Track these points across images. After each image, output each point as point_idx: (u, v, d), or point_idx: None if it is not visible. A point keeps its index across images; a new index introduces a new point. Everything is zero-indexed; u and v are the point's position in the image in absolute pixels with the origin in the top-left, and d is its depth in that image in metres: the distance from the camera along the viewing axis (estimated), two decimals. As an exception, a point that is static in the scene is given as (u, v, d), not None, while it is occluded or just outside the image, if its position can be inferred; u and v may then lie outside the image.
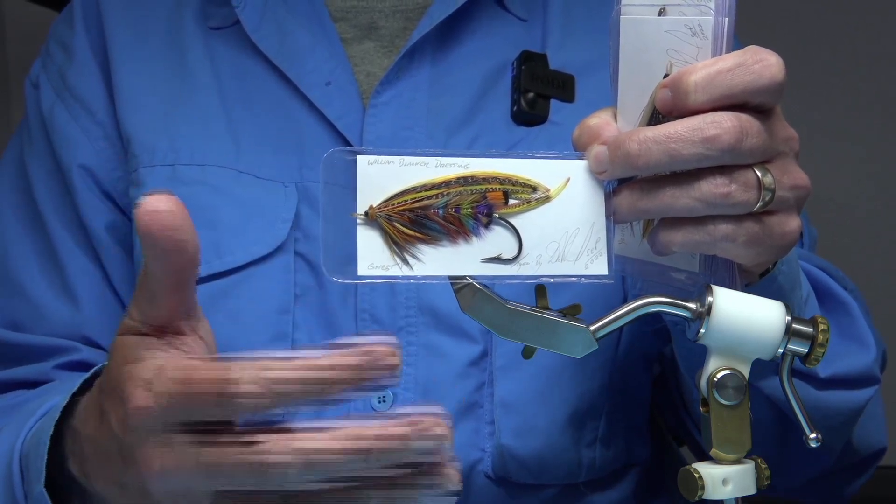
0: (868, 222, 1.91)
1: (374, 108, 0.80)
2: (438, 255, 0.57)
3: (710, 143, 0.55)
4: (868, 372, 0.76)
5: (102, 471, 0.55)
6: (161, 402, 0.49)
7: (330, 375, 0.47)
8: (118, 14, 0.86)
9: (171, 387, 0.49)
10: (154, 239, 0.50)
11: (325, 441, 0.47)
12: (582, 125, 0.61)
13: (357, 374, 0.47)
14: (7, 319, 0.85)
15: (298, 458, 0.47)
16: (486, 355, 0.77)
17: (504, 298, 0.58)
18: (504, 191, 0.58)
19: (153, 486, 0.50)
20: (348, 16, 0.84)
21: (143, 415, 0.50)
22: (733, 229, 0.57)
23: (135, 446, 0.51)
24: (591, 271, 0.58)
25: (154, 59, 0.84)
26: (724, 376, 0.58)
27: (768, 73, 0.56)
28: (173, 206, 0.50)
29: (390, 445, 0.47)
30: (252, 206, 0.79)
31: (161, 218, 0.49)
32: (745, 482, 0.58)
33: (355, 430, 0.47)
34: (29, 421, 0.67)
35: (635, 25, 0.59)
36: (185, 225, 0.50)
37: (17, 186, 0.88)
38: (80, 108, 0.85)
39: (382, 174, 0.57)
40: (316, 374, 0.47)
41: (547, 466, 0.78)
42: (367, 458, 0.47)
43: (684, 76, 0.56)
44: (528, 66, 0.80)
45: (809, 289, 0.71)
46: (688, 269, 0.61)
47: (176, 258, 0.50)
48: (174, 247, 0.50)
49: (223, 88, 0.83)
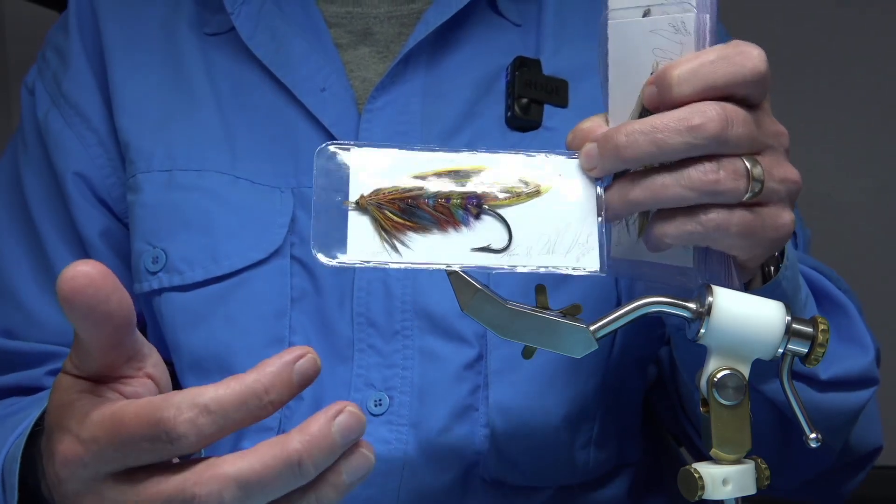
0: (867, 222, 1.91)
1: (369, 114, 0.80)
2: (428, 243, 0.57)
3: (695, 132, 0.55)
4: (867, 373, 0.76)
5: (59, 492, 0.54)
6: (90, 450, 0.49)
7: (261, 383, 0.48)
8: (113, 20, 0.86)
9: (99, 433, 0.49)
10: (77, 312, 0.49)
11: (252, 461, 0.48)
12: (575, 129, 0.62)
13: (284, 376, 0.48)
14: (0, 326, 0.84)
15: (231, 486, 0.48)
16: (481, 359, 0.77)
17: (504, 298, 0.58)
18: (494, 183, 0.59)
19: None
20: (343, 22, 0.85)
21: (71, 465, 0.50)
22: (725, 218, 0.57)
23: (69, 496, 0.51)
24: (582, 264, 0.58)
25: (150, 65, 0.84)
26: (724, 376, 0.58)
27: (750, 64, 0.57)
28: (95, 276, 0.48)
29: (316, 440, 0.48)
30: (248, 211, 0.79)
31: (82, 291, 0.48)
32: (745, 482, 0.58)
33: (278, 440, 0.48)
34: (11, 436, 0.67)
35: (622, 29, 0.60)
36: (110, 293, 0.49)
37: (11, 192, 0.88)
38: (74, 114, 0.85)
39: (374, 167, 0.58)
40: (248, 387, 0.48)
41: (542, 469, 0.78)
42: (299, 464, 0.48)
43: (668, 70, 0.57)
44: (521, 72, 0.81)
45: (808, 291, 0.71)
46: (684, 265, 0.61)
47: (103, 327, 0.50)
48: (99, 318, 0.49)
49: (219, 94, 0.83)
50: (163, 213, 0.80)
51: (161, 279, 0.79)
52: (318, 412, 0.49)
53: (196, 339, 0.78)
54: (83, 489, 0.50)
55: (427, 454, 0.76)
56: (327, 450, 0.49)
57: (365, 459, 0.51)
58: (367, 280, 0.77)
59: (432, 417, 0.77)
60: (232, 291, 0.78)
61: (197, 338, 0.78)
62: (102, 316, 0.49)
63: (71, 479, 0.51)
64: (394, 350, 0.77)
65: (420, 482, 0.76)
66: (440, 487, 0.77)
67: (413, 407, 0.77)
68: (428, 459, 0.76)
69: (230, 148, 0.81)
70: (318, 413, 0.49)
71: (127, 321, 0.51)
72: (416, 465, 0.76)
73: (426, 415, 0.77)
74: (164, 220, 0.80)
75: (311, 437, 0.48)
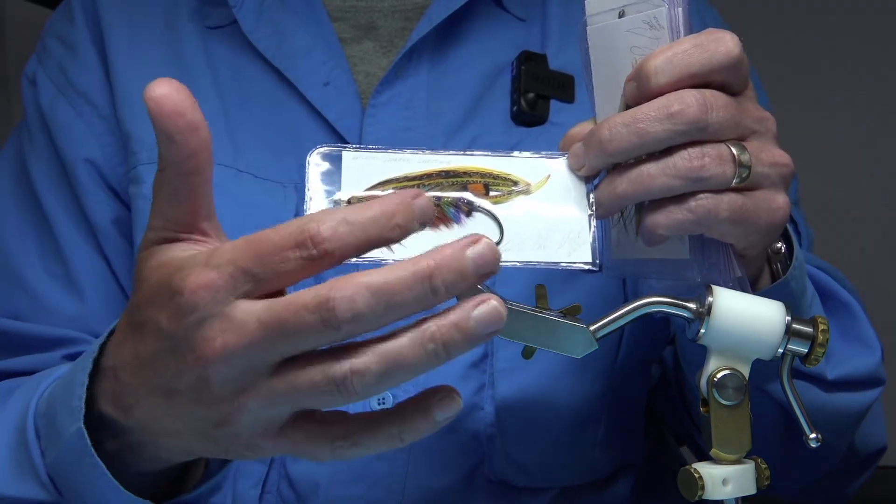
0: (867, 222, 1.91)
1: (373, 109, 0.80)
2: (420, 241, 0.58)
3: (675, 118, 0.56)
4: (874, 373, 0.76)
5: (146, 387, 0.53)
6: (225, 272, 0.48)
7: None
8: (115, 13, 0.86)
9: (237, 255, 0.48)
10: (167, 119, 0.49)
11: (385, 272, 0.47)
12: (566, 135, 0.62)
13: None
14: (8, 312, 0.84)
15: (363, 291, 0.46)
16: (486, 358, 0.77)
17: (504, 298, 0.58)
18: (484, 183, 0.59)
19: (213, 371, 0.49)
20: (347, 16, 0.84)
21: (206, 290, 0.48)
22: (714, 203, 0.56)
23: (192, 333, 0.49)
24: (575, 258, 0.59)
25: (152, 58, 0.84)
26: (724, 376, 0.58)
27: (724, 49, 0.57)
28: (181, 88, 0.50)
29: (448, 260, 0.47)
30: (251, 205, 0.79)
31: (171, 97, 0.49)
32: (745, 482, 0.58)
33: (412, 259, 0.47)
34: (38, 389, 0.66)
35: (600, 32, 0.61)
36: (195, 106, 0.50)
37: (18, 181, 0.87)
38: (84, 102, 0.85)
39: (366, 168, 0.58)
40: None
41: (548, 469, 0.78)
42: (430, 279, 0.46)
43: (645, 63, 0.57)
44: (527, 67, 0.80)
45: (813, 291, 0.71)
46: (683, 258, 0.61)
47: (191, 138, 0.50)
48: (187, 125, 0.49)
49: (221, 88, 0.83)
50: None
51: None
52: (454, 240, 0.48)
53: None
54: (210, 319, 0.48)
55: (431, 454, 0.76)
56: (459, 271, 0.47)
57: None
58: (370, 277, 0.77)
59: None
60: (235, 287, 0.78)
61: None
62: (191, 123, 0.49)
63: (198, 308, 0.48)
64: None
65: (424, 482, 0.76)
66: (444, 487, 0.77)
67: None
68: (432, 459, 0.76)
69: (232, 142, 0.81)
70: (453, 241, 0.48)
71: (208, 143, 0.51)
72: (420, 465, 0.76)
73: None
74: None
75: (443, 256, 0.47)
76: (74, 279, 0.83)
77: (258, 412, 0.50)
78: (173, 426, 0.53)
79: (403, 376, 0.48)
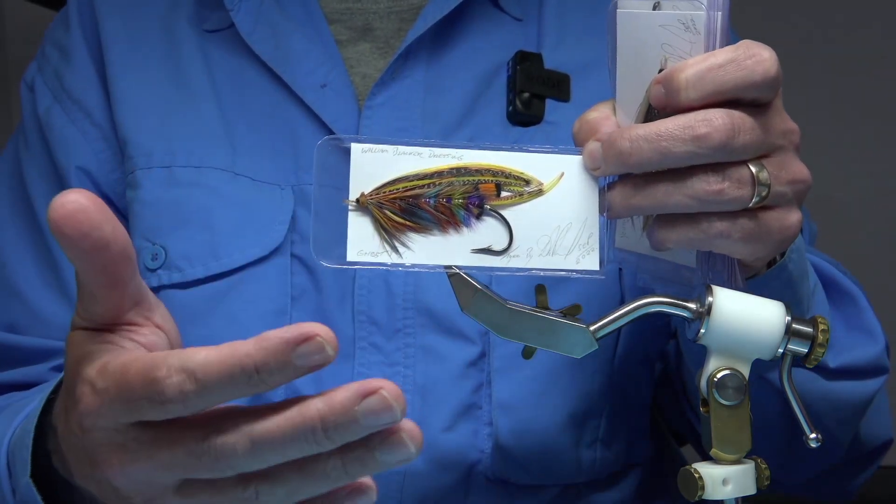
0: (867, 223, 1.91)
1: (370, 110, 0.80)
2: (428, 244, 0.57)
3: (700, 142, 0.54)
4: (877, 362, 0.76)
5: (77, 468, 0.54)
6: (104, 401, 0.49)
7: (254, 358, 0.45)
8: (113, 17, 0.86)
9: (110, 385, 0.48)
10: (69, 240, 0.47)
11: (269, 424, 0.47)
12: (581, 119, 0.61)
13: (283, 355, 0.45)
14: (4, 323, 0.84)
15: (245, 440, 0.47)
16: (484, 356, 0.77)
17: (504, 298, 0.58)
18: (496, 183, 0.59)
19: (118, 483, 0.50)
20: (343, 17, 0.84)
21: (92, 416, 0.49)
22: (728, 227, 0.56)
23: (93, 447, 0.51)
24: (583, 266, 0.58)
25: (149, 62, 0.84)
26: (724, 376, 0.58)
27: (761, 69, 0.56)
28: (87, 203, 0.47)
29: (337, 415, 0.46)
30: (249, 208, 0.79)
31: (74, 217, 0.47)
32: (745, 482, 0.58)
33: (300, 405, 0.46)
34: (16, 418, 0.67)
35: (631, 19, 0.59)
36: (103, 222, 0.47)
37: (14, 188, 0.87)
38: (77, 110, 0.85)
39: (376, 162, 0.58)
40: (239, 358, 0.46)
41: (546, 467, 0.78)
42: (314, 432, 0.46)
43: (676, 73, 0.56)
44: (523, 67, 0.80)
45: (816, 279, 0.71)
46: (687, 263, 0.61)
47: (100, 257, 0.48)
48: (93, 246, 0.48)
49: (219, 91, 0.83)
50: (162, 210, 0.80)
51: (160, 276, 0.79)
52: (352, 383, 0.46)
53: (195, 336, 0.78)
54: (106, 439, 0.50)
55: (430, 453, 0.76)
56: (347, 427, 0.46)
57: (402, 447, 0.47)
58: (368, 278, 0.77)
59: (435, 416, 0.76)
60: (232, 289, 0.78)
61: (196, 335, 0.78)
62: (97, 243, 0.47)
63: (92, 429, 0.50)
64: (395, 348, 0.77)
65: (423, 481, 0.76)
66: (443, 486, 0.77)
67: (415, 405, 0.76)
68: (431, 458, 0.76)
69: (230, 145, 0.81)
70: (350, 384, 0.46)
71: (124, 253, 0.49)
72: (418, 464, 0.76)
73: (429, 413, 0.76)
74: (164, 216, 0.80)
75: (332, 407, 0.46)
76: (67, 288, 0.83)
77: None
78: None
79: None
